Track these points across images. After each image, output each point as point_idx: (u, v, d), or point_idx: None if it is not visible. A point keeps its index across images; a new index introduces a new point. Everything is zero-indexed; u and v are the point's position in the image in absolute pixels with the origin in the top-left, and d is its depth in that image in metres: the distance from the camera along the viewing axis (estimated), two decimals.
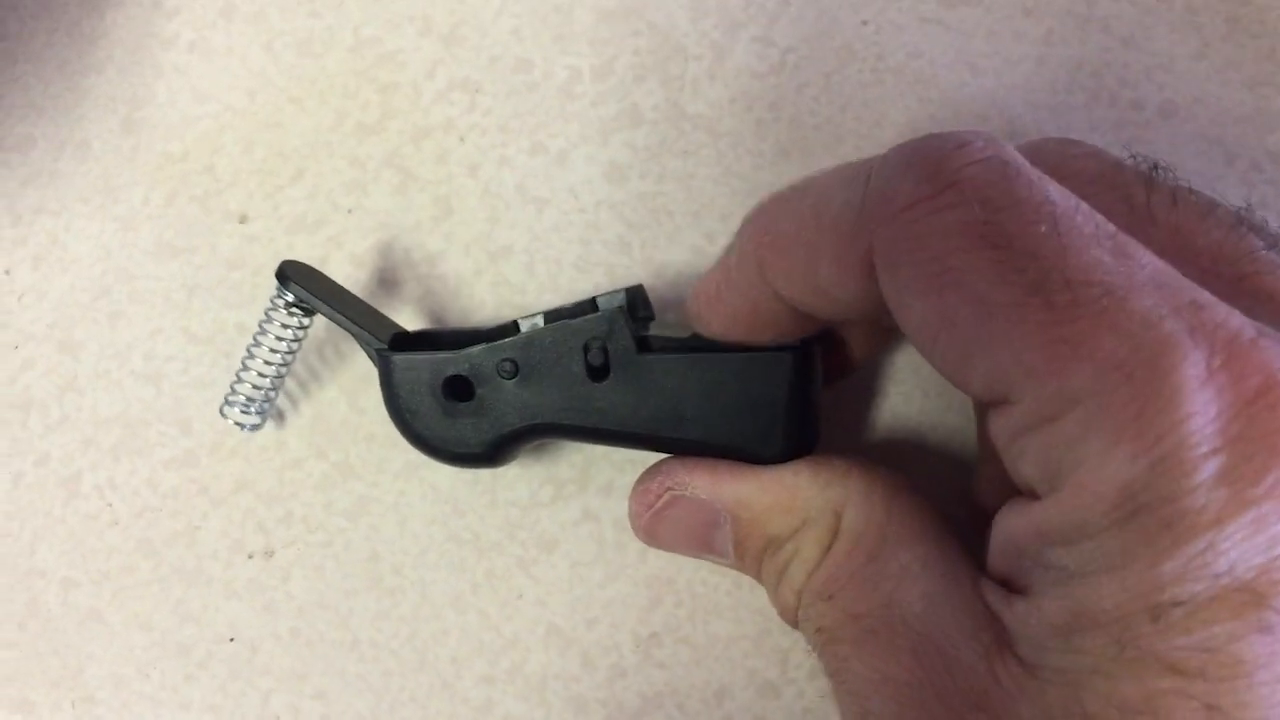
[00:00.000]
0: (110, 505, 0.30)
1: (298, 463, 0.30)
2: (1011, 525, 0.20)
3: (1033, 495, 0.19)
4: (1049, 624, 0.19)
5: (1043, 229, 0.18)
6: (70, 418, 0.31)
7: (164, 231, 0.31)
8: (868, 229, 0.20)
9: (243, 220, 0.31)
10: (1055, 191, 0.19)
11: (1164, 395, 0.17)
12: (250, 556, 0.30)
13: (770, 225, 0.23)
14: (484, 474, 0.29)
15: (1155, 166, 0.23)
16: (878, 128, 0.30)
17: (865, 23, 0.31)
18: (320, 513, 0.30)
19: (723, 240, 0.30)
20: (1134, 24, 0.30)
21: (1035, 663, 0.19)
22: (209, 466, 0.30)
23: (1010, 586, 0.20)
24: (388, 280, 0.30)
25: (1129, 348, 0.17)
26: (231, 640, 0.30)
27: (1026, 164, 0.19)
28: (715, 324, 0.25)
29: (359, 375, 0.30)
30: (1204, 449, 0.16)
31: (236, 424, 0.29)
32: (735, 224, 0.24)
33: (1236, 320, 0.17)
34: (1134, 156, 0.23)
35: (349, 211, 0.31)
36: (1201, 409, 0.17)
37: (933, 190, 0.19)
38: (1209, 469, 0.16)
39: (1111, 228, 0.19)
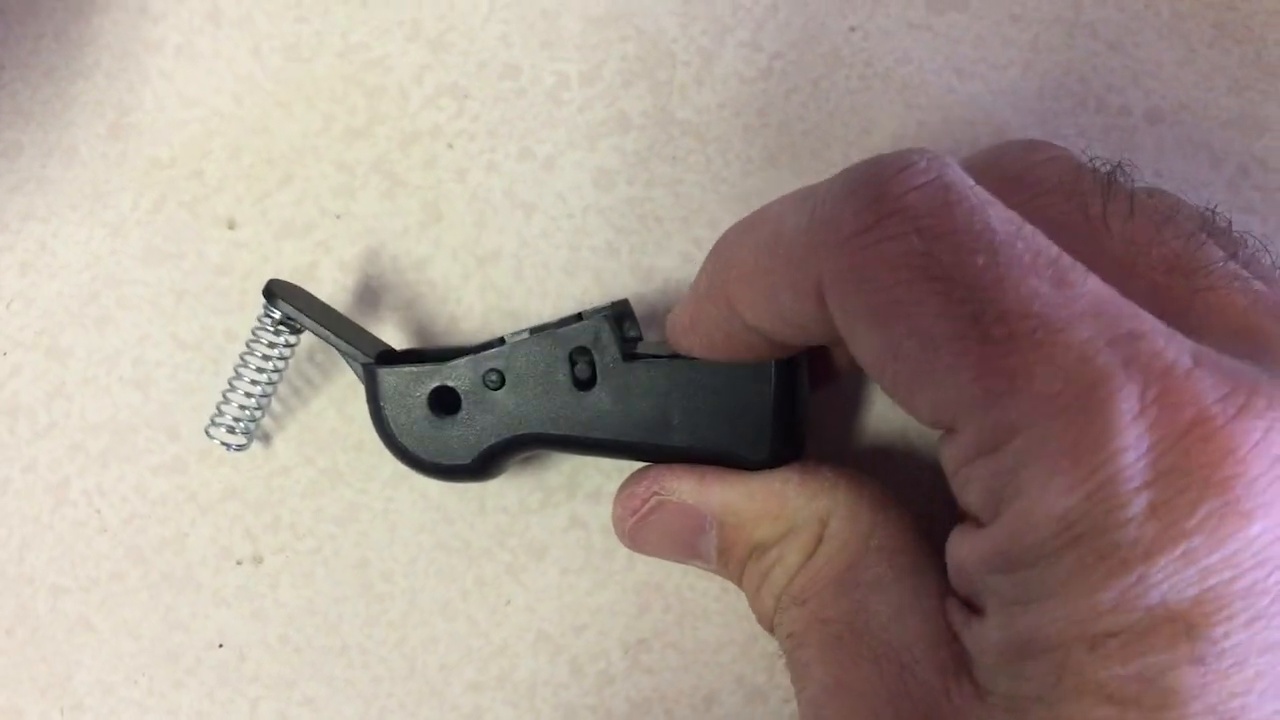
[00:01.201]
0: (99, 512, 0.30)
1: (286, 469, 0.30)
2: (959, 550, 0.20)
3: (978, 522, 0.20)
4: (997, 648, 0.19)
5: (980, 260, 0.18)
6: (58, 424, 0.31)
7: (152, 237, 0.31)
8: (816, 257, 0.20)
9: (231, 226, 0.31)
10: (996, 217, 0.19)
11: (1097, 429, 0.17)
12: (239, 563, 0.30)
13: (732, 257, 0.23)
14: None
15: (1118, 167, 0.22)
16: (865, 134, 0.30)
17: (853, 29, 0.31)
18: (309, 519, 0.30)
19: (710, 247, 0.30)
20: (1121, 30, 0.30)
21: (986, 686, 0.19)
22: (197, 473, 0.30)
23: (970, 607, 0.21)
24: (375, 285, 0.30)
25: (1063, 381, 0.17)
26: (220, 647, 0.30)
27: (970, 186, 0.19)
28: (695, 350, 0.24)
29: (347, 382, 0.30)
30: (1135, 483, 0.17)
31: (223, 444, 0.29)
32: (723, 230, 0.24)
33: (1174, 350, 0.17)
34: (1093, 159, 0.23)
35: (337, 217, 0.31)
36: (1133, 443, 0.17)
37: (874, 219, 0.19)
38: (1140, 502, 0.17)
39: (1055, 251, 0.18)
